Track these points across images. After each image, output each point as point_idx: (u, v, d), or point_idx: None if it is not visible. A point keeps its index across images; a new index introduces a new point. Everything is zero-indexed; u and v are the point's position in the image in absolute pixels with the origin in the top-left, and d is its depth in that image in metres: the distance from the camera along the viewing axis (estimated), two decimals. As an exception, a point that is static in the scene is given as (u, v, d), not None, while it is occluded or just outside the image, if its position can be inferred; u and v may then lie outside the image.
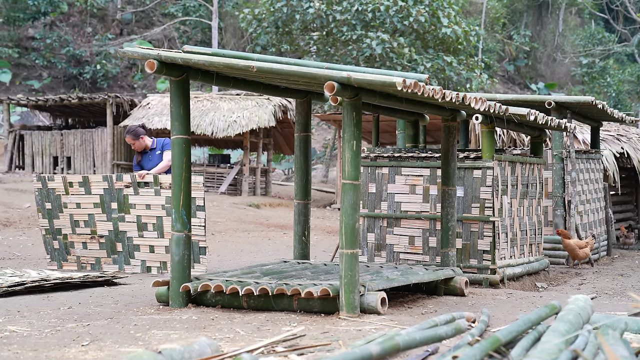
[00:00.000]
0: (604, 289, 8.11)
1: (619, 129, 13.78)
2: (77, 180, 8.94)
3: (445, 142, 7.17)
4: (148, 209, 8.68)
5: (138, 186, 8.70)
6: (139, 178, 8.67)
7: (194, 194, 8.15)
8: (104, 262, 8.92)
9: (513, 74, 40.92)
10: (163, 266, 8.66)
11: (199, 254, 8.37)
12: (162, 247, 8.65)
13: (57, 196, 8.99)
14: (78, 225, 8.96)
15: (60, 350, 4.49)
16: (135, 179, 8.69)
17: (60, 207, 9.00)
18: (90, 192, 8.87)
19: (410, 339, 4.00)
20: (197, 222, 8.30)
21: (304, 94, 7.45)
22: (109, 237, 8.87)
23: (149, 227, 8.70)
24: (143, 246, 8.75)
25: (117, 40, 35.09)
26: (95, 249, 8.95)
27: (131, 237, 8.76)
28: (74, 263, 9.05)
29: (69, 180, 8.95)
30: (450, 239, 7.16)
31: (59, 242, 9.04)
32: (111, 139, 21.98)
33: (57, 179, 9.01)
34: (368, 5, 21.03)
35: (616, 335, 3.61)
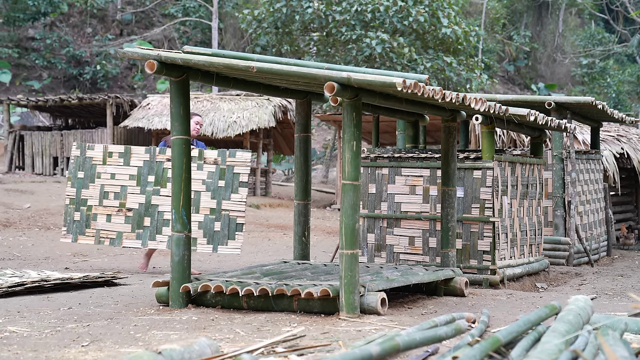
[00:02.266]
0: (604, 289, 8.11)
1: (619, 130, 13.78)
2: (117, 151, 8.71)
3: (445, 142, 7.17)
4: None
5: None
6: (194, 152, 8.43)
7: (238, 170, 8.11)
8: (126, 237, 8.67)
9: (513, 74, 40.92)
10: (193, 243, 8.32)
11: (235, 230, 8.20)
12: (194, 222, 8.29)
13: (92, 165, 8.74)
14: (107, 197, 8.70)
15: (60, 351, 4.49)
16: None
17: (93, 176, 8.74)
18: (129, 164, 8.65)
19: (410, 339, 4.00)
20: (237, 197, 8.16)
21: (304, 95, 7.46)
22: (138, 211, 8.64)
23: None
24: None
25: (117, 41, 35.10)
26: (119, 222, 8.69)
27: (162, 211, 8.53)
28: (91, 237, 8.78)
29: (109, 150, 8.73)
30: (450, 239, 7.16)
31: (81, 213, 8.74)
32: (111, 139, 21.97)
33: (97, 147, 8.77)
34: (367, 6, 21.02)
35: (616, 335, 3.61)
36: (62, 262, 10.08)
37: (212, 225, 8.28)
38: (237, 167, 8.30)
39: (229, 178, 8.27)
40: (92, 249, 11.59)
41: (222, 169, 8.32)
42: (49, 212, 14.66)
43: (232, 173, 8.26)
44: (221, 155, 8.36)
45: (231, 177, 8.24)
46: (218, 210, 8.25)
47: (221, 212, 8.25)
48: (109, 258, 10.82)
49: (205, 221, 8.24)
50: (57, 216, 14.38)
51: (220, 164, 8.33)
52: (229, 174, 8.27)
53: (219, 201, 8.25)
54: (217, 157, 8.33)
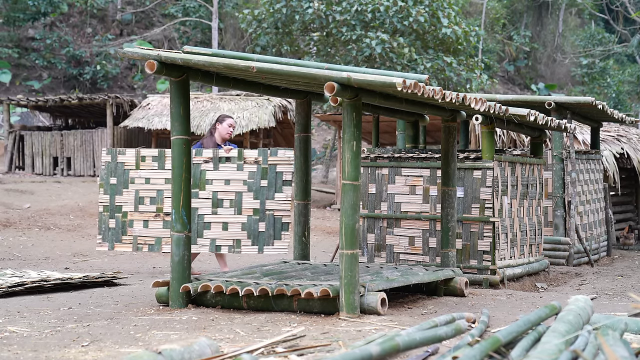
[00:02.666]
0: (604, 289, 8.10)
1: (619, 130, 13.78)
2: (150, 154, 8.49)
3: (445, 142, 7.17)
4: (227, 185, 8.17)
5: (219, 161, 8.24)
6: (225, 152, 8.23)
7: (281, 168, 7.92)
8: (165, 243, 8.37)
9: (513, 74, 40.92)
10: (236, 244, 8.17)
11: (281, 230, 7.97)
12: (237, 224, 8.13)
13: (125, 170, 8.48)
14: (142, 202, 8.42)
15: (60, 351, 4.49)
16: (217, 154, 8.25)
17: (127, 182, 8.49)
18: (164, 167, 8.40)
19: (410, 339, 3.99)
20: (282, 197, 7.96)
21: (304, 95, 7.46)
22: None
23: (225, 204, 8.18)
24: (215, 224, 8.21)
25: (117, 41, 35.10)
26: (157, 228, 8.40)
27: (202, 214, 8.24)
28: (129, 244, 8.47)
29: (142, 154, 8.48)
30: (450, 239, 7.16)
31: (116, 220, 8.44)
32: (111, 139, 21.97)
33: (128, 152, 8.53)
34: (368, 6, 21.02)
35: (616, 335, 3.61)
36: (62, 262, 10.08)
37: (257, 226, 8.02)
38: (279, 165, 8.05)
39: (271, 177, 8.00)
40: (91, 249, 11.59)
41: (264, 168, 8.07)
42: (49, 212, 14.66)
43: (274, 172, 7.97)
44: (262, 154, 8.12)
45: (274, 176, 7.96)
46: (262, 211, 8.01)
47: (265, 212, 8.00)
48: (109, 258, 10.82)
49: (248, 222, 7.99)
50: (57, 216, 14.38)
51: (262, 163, 8.09)
52: (272, 173, 8.01)
53: (263, 201, 8.02)
54: (258, 157, 8.09)
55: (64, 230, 13.35)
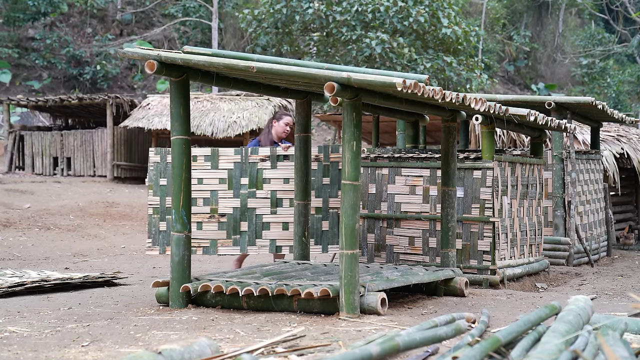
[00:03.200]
0: (604, 289, 8.10)
1: (619, 130, 13.77)
2: (203, 154, 8.17)
3: (445, 142, 7.17)
4: (286, 183, 7.92)
5: (277, 160, 7.98)
6: (283, 150, 7.97)
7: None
8: (221, 244, 8.08)
9: (513, 74, 40.92)
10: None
11: None
12: None
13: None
14: (195, 203, 8.01)
15: (60, 351, 4.49)
16: (274, 152, 7.96)
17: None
18: (217, 167, 8.09)
19: (410, 339, 3.99)
20: None
21: (304, 95, 7.46)
22: (233, 216, 8.03)
23: (285, 203, 7.93)
24: (274, 224, 7.94)
25: (117, 41, 35.10)
26: (212, 229, 8.08)
27: (261, 214, 7.94)
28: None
29: (193, 153, 8.07)
30: (450, 239, 7.16)
31: (167, 223, 8.03)
32: (111, 139, 21.97)
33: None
34: (368, 6, 21.02)
35: (616, 335, 3.61)
36: (62, 262, 10.08)
37: (319, 225, 7.82)
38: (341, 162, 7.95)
39: (333, 175, 7.77)
40: (92, 249, 11.59)
41: (326, 165, 7.82)
42: (49, 212, 14.66)
43: (336, 169, 7.74)
44: (323, 151, 7.85)
45: (336, 174, 7.73)
46: (325, 209, 7.80)
47: (328, 210, 7.79)
48: (109, 258, 10.82)
49: (311, 221, 7.78)
50: (57, 216, 14.38)
51: (323, 160, 7.86)
52: (334, 170, 7.78)
53: (325, 199, 7.80)
54: (319, 154, 7.82)
55: (64, 230, 13.35)
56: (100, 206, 15.73)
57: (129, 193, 18.97)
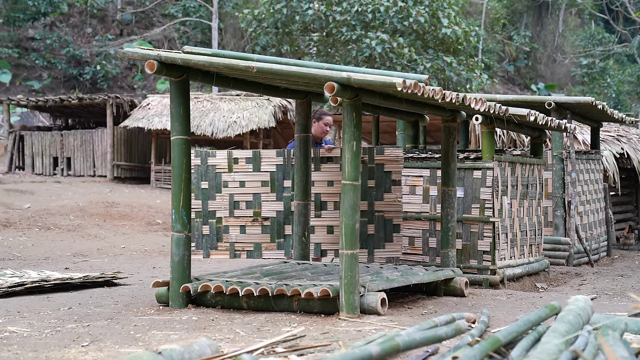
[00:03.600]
0: (604, 289, 8.10)
1: (619, 130, 13.78)
2: (244, 156, 8.01)
3: (445, 142, 7.17)
4: (330, 186, 7.78)
5: (320, 162, 7.83)
6: (327, 152, 7.79)
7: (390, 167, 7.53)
8: (265, 248, 7.97)
9: (513, 74, 40.93)
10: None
11: (392, 232, 7.60)
12: None
13: (216, 174, 8.02)
14: (238, 206, 7.94)
15: (60, 351, 4.49)
16: (317, 154, 7.80)
17: (219, 186, 8.00)
18: (259, 169, 7.93)
19: (410, 339, 3.99)
20: (391, 197, 7.55)
21: (304, 95, 7.46)
22: (276, 219, 7.89)
23: (329, 206, 7.79)
24: (319, 228, 7.79)
25: (117, 41, 35.10)
26: (255, 233, 7.93)
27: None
28: (225, 251, 8.03)
29: (234, 155, 8.01)
30: (450, 239, 7.16)
31: (210, 226, 7.96)
32: (111, 139, 21.98)
33: (219, 154, 8.05)
34: (368, 6, 21.02)
35: (616, 335, 3.61)
36: (62, 262, 10.08)
37: (365, 229, 7.67)
38: (387, 164, 7.59)
39: (379, 177, 7.59)
40: (92, 249, 11.59)
41: (371, 167, 7.65)
42: (49, 212, 14.66)
43: (382, 171, 7.57)
44: (368, 153, 7.67)
45: (382, 176, 7.56)
46: (370, 212, 7.63)
47: (374, 213, 7.63)
48: (109, 258, 10.82)
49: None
50: (57, 216, 14.38)
51: (368, 162, 7.69)
52: (379, 172, 7.60)
53: (371, 202, 7.62)
54: (364, 156, 7.64)
55: (64, 230, 13.35)
56: (100, 206, 15.73)
57: (129, 193, 18.97)
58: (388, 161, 7.60)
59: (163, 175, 21.56)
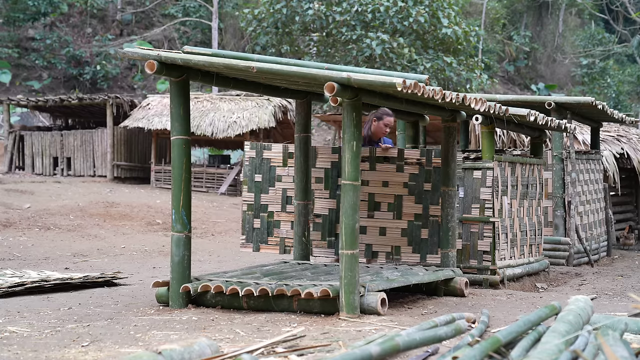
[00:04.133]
0: (604, 289, 8.10)
1: (619, 130, 13.78)
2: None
3: (445, 142, 7.17)
4: (385, 187, 7.61)
5: (376, 161, 7.66)
6: (383, 151, 7.63)
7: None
8: (315, 246, 7.82)
9: (513, 74, 40.93)
10: (395, 251, 7.60)
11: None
12: (396, 230, 7.57)
13: (271, 167, 7.89)
14: (290, 202, 7.79)
15: (60, 351, 4.49)
16: (374, 153, 7.64)
17: (273, 180, 7.88)
18: (315, 165, 7.79)
19: (410, 339, 3.99)
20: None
21: (304, 95, 7.45)
22: (328, 217, 7.77)
23: (382, 207, 7.63)
24: (371, 228, 7.66)
25: (117, 41, 35.10)
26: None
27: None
28: (275, 246, 7.93)
29: (289, 150, 7.83)
30: (450, 239, 7.16)
31: (261, 220, 7.84)
32: (111, 139, 21.98)
33: (275, 147, 7.90)
34: (368, 6, 21.02)
35: (616, 335, 3.60)
36: (62, 262, 10.08)
37: (419, 233, 7.50)
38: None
39: (435, 180, 7.43)
40: (92, 249, 11.59)
41: (428, 170, 7.47)
42: (49, 212, 14.66)
43: (439, 175, 7.39)
44: (425, 155, 7.50)
45: (438, 180, 7.39)
46: (425, 216, 7.45)
47: (429, 217, 7.44)
48: (109, 258, 10.82)
49: (409, 228, 7.47)
50: (57, 216, 14.38)
51: (426, 164, 7.50)
52: (436, 175, 7.43)
53: (426, 206, 7.45)
54: (421, 157, 7.49)
55: (64, 230, 13.35)
56: (100, 206, 15.73)
57: (129, 193, 18.97)
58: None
59: (163, 175, 21.56)
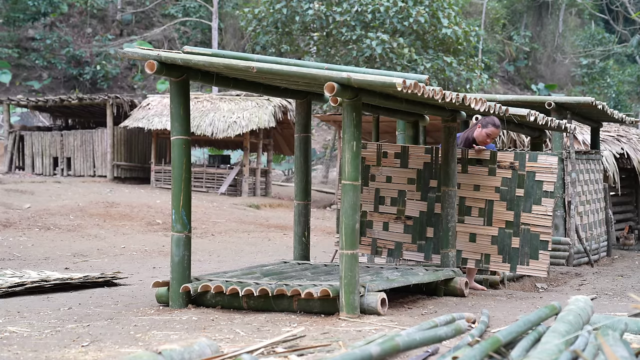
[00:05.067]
0: (604, 289, 8.10)
1: (619, 130, 13.78)
2: (394, 150, 7.65)
3: (445, 142, 7.17)
4: (476, 191, 7.30)
5: (468, 163, 7.38)
6: (475, 153, 7.36)
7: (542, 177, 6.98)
8: (406, 249, 7.59)
9: (513, 74, 40.93)
10: (485, 259, 7.27)
11: (539, 249, 7.02)
12: (487, 236, 7.23)
13: (366, 166, 7.75)
14: (383, 202, 7.62)
15: (60, 351, 4.49)
16: (466, 154, 7.38)
17: (367, 179, 7.71)
18: (407, 166, 7.57)
19: (410, 339, 3.99)
20: (540, 210, 6.99)
21: (304, 95, 7.45)
22: (419, 220, 7.52)
23: (473, 212, 7.32)
24: (462, 234, 7.34)
25: (117, 41, 35.11)
26: (398, 232, 7.58)
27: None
28: (367, 246, 7.76)
29: (383, 149, 7.68)
30: (450, 239, 7.15)
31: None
32: (111, 139, 21.98)
33: (370, 146, 7.75)
34: (368, 6, 21.03)
35: (616, 336, 3.60)
36: (62, 262, 10.08)
37: (509, 241, 7.12)
38: (539, 173, 7.00)
39: (529, 186, 7.04)
40: (92, 249, 11.59)
41: (521, 175, 7.10)
42: (49, 212, 14.65)
43: (533, 180, 7.02)
44: (519, 158, 7.14)
45: (532, 185, 7.02)
46: (516, 224, 7.07)
47: (520, 225, 7.06)
48: (109, 258, 10.82)
49: (500, 236, 7.13)
50: (57, 216, 14.38)
51: (519, 169, 7.13)
52: (530, 181, 7.05)
53: (517, 213, 7.07)
54: (515, 161, 7.14)
55: (64, 230, 13.35)
56: (100, 206, 15.73)
57: (129, 193, 18.97)
58: (541, 169, 7.06)
59: (163, 175, 21.56)
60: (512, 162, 7.20)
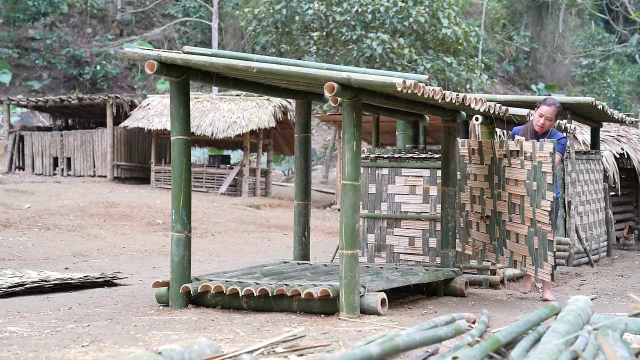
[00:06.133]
0: (604, 289, 8.10)
1: (619, 130, 13.77)
2: (474, 147, 7.15)
3: (445, 142, 7.17)
4: (515, 186, 6.69)
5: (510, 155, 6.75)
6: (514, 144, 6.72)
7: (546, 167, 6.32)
8: (488, 250, 7.11)
9: (513, 74, 40.93)
10: (523, 261, 6.66)
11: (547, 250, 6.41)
12: (521, 236, 6.66)
13: (465, 164, 7.34)
14: (475, 201, 7.20)
15: (60, 351, 4.49)
16: (508, 146, 6.75)
17: (466, 177, 7.29)
18: (482, 162, 7.04)
19: (410, 339, 3.99)
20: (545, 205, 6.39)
21: (304, 95, 7.46)
22: (492, 219, 7.01)
23: (516, 209, 6.71)
24: (511, 233, 6.83)
25: (117, 41, 35.10)
26: (482, 232, 7.17)
27: (504, 220, 6.80)
28: (471, 247, 7.38)
29: (472, 146, 7.19)
30: (450, 239, 7.16)
31: (463, 219, 7.27)
32: (111, 139, 21.98)
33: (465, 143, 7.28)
34: (368, 7, 21.03)
35: (616, 336, 3.60)
36: (62, 262, 10.07)
37: (532, 241, 6.52)
38: (544, 164, 6.38)
39: (539, 178, 6.43)
40: (92, 249, 11.59)
41: (534, 166, 6.47)
42: (49, 213, 14.65)
43: (541, 172, 6.41)
44: (532, 147, 6.48)
45: (540, 177, 6.42)
46: (534, 221, 6.45)
47: (536, 223, 6.45)
48: (109, 258, 10.82)
49: (528, 235, 6.54)
50: (57, 216, 14.38)
51: (532, 159, 6.49)
52: (539, 172, 6.43)
53: (534, 209, 6.46)
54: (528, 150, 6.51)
55: (64, 230, 13.35)
56: (100, 206, 15.73)
57: (129, 193, 18.97)
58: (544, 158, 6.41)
59: (163, 175, 21.56)
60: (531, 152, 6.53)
